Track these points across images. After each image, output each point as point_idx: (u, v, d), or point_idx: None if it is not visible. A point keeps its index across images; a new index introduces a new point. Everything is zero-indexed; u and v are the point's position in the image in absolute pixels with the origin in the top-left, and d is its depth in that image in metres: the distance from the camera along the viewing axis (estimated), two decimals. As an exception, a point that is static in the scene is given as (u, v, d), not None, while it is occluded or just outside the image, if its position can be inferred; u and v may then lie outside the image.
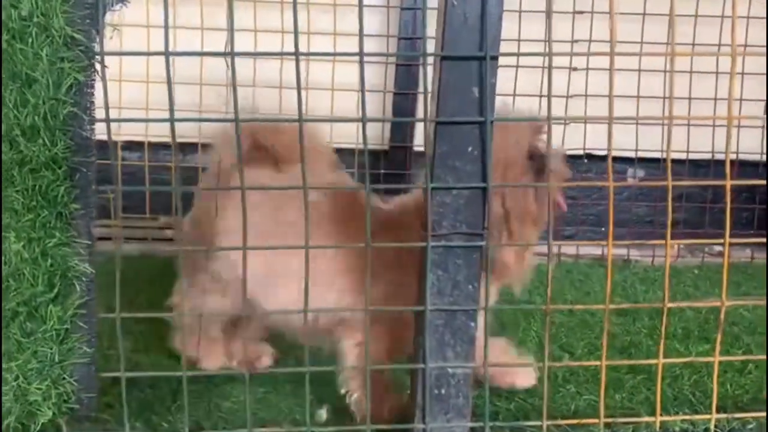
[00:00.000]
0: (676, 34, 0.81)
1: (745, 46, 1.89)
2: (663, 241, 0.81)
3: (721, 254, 2.07)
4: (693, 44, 1.89)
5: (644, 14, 1.89)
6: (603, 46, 0.84)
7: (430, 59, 0.84)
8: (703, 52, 1.82)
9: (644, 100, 1.93)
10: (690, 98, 1.88)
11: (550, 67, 0.78)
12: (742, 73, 1.90)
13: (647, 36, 1.90)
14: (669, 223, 0.83)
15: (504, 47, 0.83)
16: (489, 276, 0.87)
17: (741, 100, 1.89)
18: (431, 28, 0.86)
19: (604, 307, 0.83)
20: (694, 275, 1.84)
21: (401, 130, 2.09)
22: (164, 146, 2.01)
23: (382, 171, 2.04)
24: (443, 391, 0.86)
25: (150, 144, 1.98)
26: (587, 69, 1.93)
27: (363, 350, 0.98)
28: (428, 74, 0.81)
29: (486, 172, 0.83)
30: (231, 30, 0.78)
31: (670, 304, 0.82)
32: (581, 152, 2.02)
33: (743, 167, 1.97)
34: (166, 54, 0.75)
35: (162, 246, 1.88)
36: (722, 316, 0.87)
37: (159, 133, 1.94)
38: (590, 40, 1.90)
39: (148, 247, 1.87)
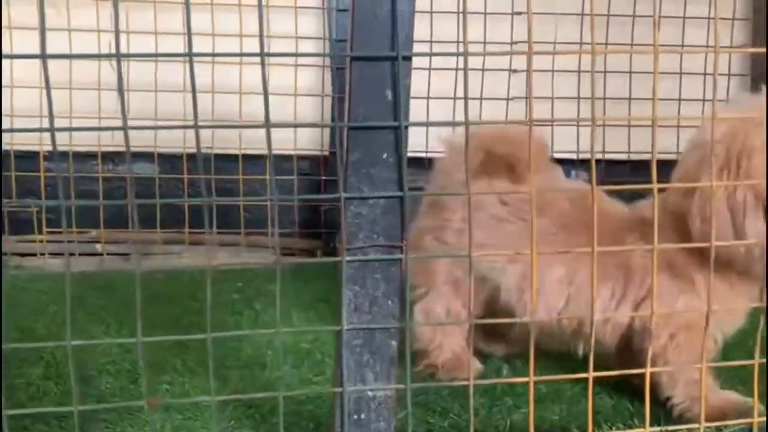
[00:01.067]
0: (609, 34, 0.78)
1: (682, 45, 1.90)
2: (589, 249, 0.77)
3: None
4: (631, 44, 1.89)
5: (582, 15, 1.88)
6: (544, 48, 0.80)
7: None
8: (637, 50, 1.82)
9: (584, 101, 1.92)
10: (630, 98, 1.88)
11: (465, 69, 0.73)
12: (680, 73, 1.91)
13: (586, 37, 1.89)
14: (595, 229, 0.80)
15: (446, 48, 0.78)
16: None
17: (680, 99, 1.89)
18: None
19: (529, 320, 0.78)
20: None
21: (341, 135, 2.03)
22: (92, 156, 1.92)
23: (323, 177, 1.98)
24: (363, 416, 0.80)
25: (77, 154, 1.89)
26: (528, 71, 1.90)
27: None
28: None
29: (402, 180, 0.78)
30: (117, 32, 0.71)
31: (597, 315, 0.78)
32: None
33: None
34: (43, 57, 0.68)
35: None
36: (653, 323, 0.84)
37: (85, 142, 1.84)
38: (530, 41, 1.88)
39: (73, 263, 1.77)
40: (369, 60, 0.76)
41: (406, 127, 0.77)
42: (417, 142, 1.79)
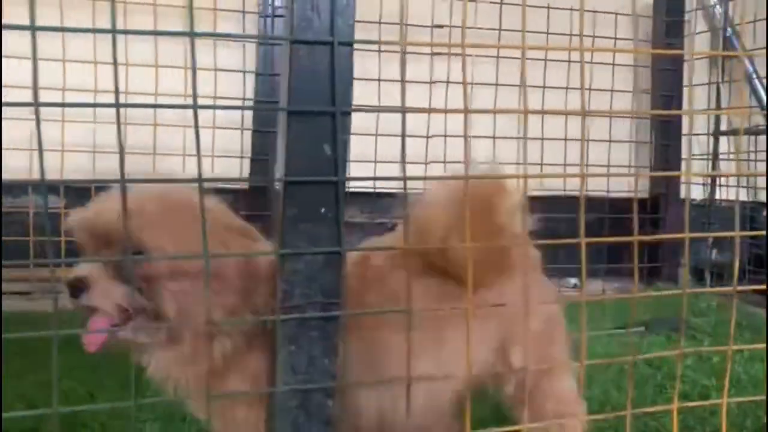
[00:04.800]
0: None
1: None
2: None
3: (576, 287, 2.16)
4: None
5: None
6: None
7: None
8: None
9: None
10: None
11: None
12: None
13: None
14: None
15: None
16: None
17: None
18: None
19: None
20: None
21: (261, 168, 2.03)
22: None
23: (242, 212, 1.93)
24: (299, 481, 0.77)
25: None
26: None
27: None
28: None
29: (341, 236, 0.77)
30: None
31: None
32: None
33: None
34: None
35: None
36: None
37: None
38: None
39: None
40: (307, 114, 0.75)
41: (344, 183, 0.76)
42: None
